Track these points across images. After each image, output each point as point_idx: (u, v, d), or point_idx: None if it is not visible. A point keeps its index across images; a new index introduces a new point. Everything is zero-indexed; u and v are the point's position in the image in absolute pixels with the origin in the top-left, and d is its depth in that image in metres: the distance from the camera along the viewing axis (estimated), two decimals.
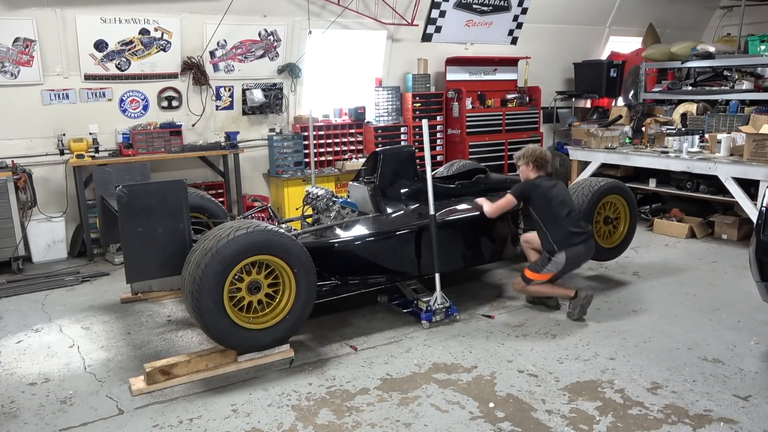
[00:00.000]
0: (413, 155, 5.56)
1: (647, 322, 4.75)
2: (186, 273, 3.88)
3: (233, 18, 7.07)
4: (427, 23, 8.57)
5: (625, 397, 3.65)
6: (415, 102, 8.61)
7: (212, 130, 7.62)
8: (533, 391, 3.74)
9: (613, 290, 5.48)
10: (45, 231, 6.67)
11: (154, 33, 6.87)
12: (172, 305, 5.34)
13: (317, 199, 5.32)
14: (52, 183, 6.84)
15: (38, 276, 6.21)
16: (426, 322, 4.72)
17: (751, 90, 8.17)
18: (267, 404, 3.65)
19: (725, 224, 7.09)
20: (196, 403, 3.69)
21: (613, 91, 9.86)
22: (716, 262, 6.27)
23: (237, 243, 3.82)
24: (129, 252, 4.12)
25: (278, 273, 4.08)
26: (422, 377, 3.95)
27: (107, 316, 5.15)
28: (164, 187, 4.20)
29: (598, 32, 10.43)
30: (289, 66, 7.76)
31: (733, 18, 10.62)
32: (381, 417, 3.49)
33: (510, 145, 9.10)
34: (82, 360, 4.32)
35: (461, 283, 5.65)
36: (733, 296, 5.27)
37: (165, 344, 4.55)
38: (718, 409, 3.49)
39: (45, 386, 3.95)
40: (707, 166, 6.78)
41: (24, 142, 6.61)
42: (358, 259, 4.67)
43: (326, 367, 4.11)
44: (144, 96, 7.13)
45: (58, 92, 6.65)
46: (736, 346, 4.29)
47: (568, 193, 5.06)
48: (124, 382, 3.95)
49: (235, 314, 3.94)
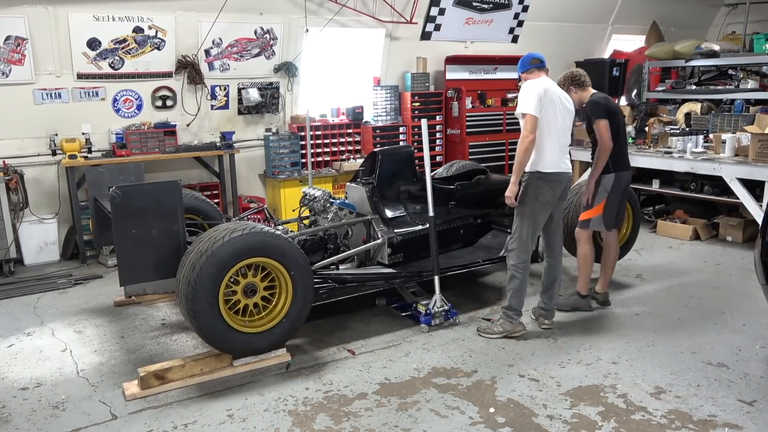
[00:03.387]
0: (412, 156, 5.53)
1: (650, 326, 4.72)
2: (181, 276, 3.86)
3: (229, 16, 7.03)
4: (427, 21, 8.54)
5: (628, 402, 3.62)
6: (414, 101, 8.57)
7: (207, 130, 7.58)
8: (534, 396, 3.71)
9: (616, 293, 5.44)
10: (37, 233, 6.61)
11: (148, 31, 6.82)
12: (166, 308, 5.31)
13: (314, 200, 5.30)
14: (44, 184, 6.79)
15: (30, 279, 6.17)
16: (425, 325, 4.69)
17: (757, 89, 8.14)
18: (263, 409, 3.63)
19: (730, 226, 7.06)
20: (191, 408, 3.66)
21: (615, 90, 9.79)
22: (721, 265, 6.24)
23: (232, 245, 3.81)
24: (122, 254, 4.09)
25: (274, 276, 4.07)
26: (421, 382, 3.92)
27: (100, 319, 5.11)
28: (158, 188, 4.17)
29: (601, 30, 10.39)
30: (285, 65, 7.72)
31: (738, 16, 10.58)
32: (379, 422, 3.47)
33: (511, 145, 9.05)
34: (74, 364, 4.29)
35: (461, 286, 5.61)
36: (738, 299, 5.24)
37: (159, 348, 4.52)
38: (722, 415, 3.47)
39: (37, 391, 3.92)
40: (712, 167, 6.73)
41: (15, 142, 6.56)
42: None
43: (323, 372, 4.08)
44: (138, 95, 7.08)
45: (51, 91, 6.59)
46: (741, 350, 4.26)
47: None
48: (117, 387, 3.92)
49: (230, 318, 3.92)
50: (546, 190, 4.36)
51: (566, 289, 5.53)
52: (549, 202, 4.40)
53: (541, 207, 4.38)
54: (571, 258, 5.86)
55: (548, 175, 4.35)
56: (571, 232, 5.29)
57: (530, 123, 4.28)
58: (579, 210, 5.28)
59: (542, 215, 4.43)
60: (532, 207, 4.37)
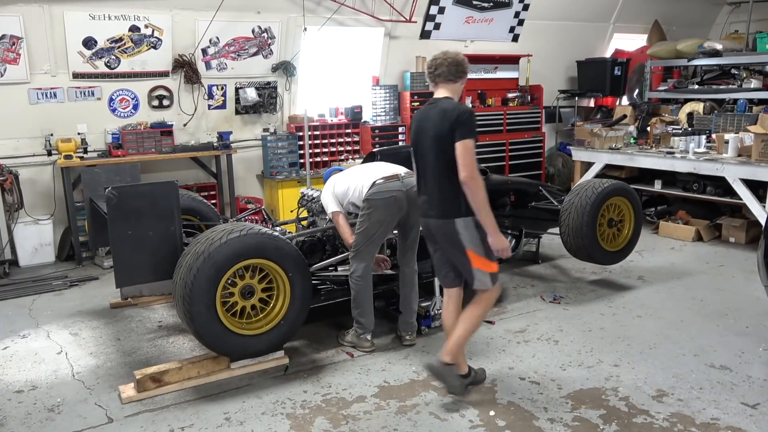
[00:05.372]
0: (411, 156, 5.45)
1: (652, 328, 4.69)
2: (177, 277, 3.84)
3: (226, 14, 6.99)
4: (426, 20, 8.50)
5: (630, 405, 3.60)
6: (413, 101, 8.52)
7: (204, 130, 7.53)
8: (535, 398, 3.69)
9: (618, 295, 5.42)
10: (32, 234, 6.57)
11: (145, 30, 6.78)
12: (163, 310, 5.27)
13: (313, 201, 5.26)
14: (40, 184, 6.74)
15: (25, 280, 6.13)
16: (425, 327, 4.66)
17: (760, 89, 8.08)
18: (261, 412, 3.60)
19: (733, 227, 7.02)
20: (188, 411, 3.64)
21: (617, 89, 9.80)
22: (723, 266, 6.20)
23: (230, 246, 3.78)
24: (118, 256, 4.07)
25: (272, 277, 4.04)
26: (421, 384, 3.90)
27: (96, 321, 5.08)
28: (155, 189, 4.16)
29: (602, 29, 10.34)
30: (283, 64, 7.68)
31: (741, 14, 10.53)
32: (378, 425, 3.44)
33: (511, 145, 9.03)
34: (70, 367, 4.26)
35: None
36: (741, 301, 5.20)
37: (156, 351, 4.49)
38: (725, 418, 3.44)
39: (32, 394, 3.89)
40: (714, 167, 6.70)
41: (10, 142, 6.51)
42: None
43: (322, 374, 4.05)
44: (134, 95, 7.03)
45: (46, 91, 6.54)
46: (744, 353, 4.24)
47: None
48: (113, 390, 3.90)
49: (227, 320, 3.89)
50: (380, 211, 4.18)
51: (567, 291, 5.51)
52: (385, 220, 4.21)
53: (376, 224, 4.20)
54: (572, 259, 5.84)
55: (380, 187, 4.21)
56: (573, 232, 5.25)
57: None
58: (579, 209, 5.24)
59: (380, 231, 4.24)
60: (364, 226, 4.22)
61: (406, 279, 4.47)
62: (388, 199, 4.17)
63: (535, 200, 6.21)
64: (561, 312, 5.03)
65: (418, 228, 4.29)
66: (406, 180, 4.24)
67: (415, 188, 3.93)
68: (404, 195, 4.19)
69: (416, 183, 3.81)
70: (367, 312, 4.35)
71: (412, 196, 4.10)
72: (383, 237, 4.36)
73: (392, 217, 4.23)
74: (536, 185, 6.36)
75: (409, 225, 4.36)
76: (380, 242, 4.37)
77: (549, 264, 6.32)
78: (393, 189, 4.19)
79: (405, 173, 4.32)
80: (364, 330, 4.36)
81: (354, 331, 4.41)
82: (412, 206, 4.15)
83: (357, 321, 4.37)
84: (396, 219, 4.27)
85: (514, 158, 9.12)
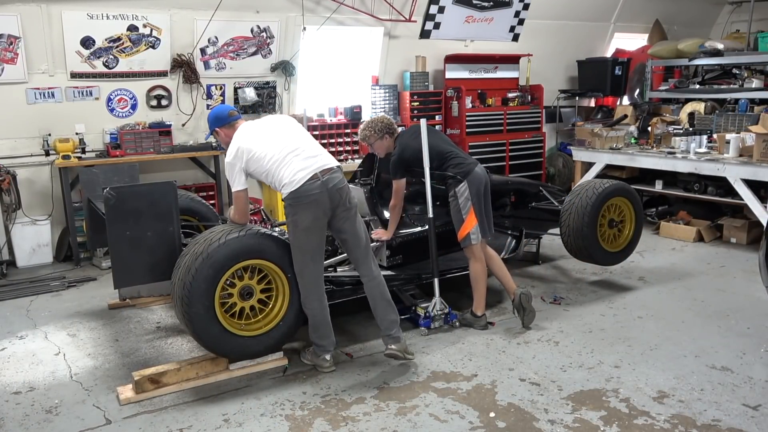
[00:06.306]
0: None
1: (653, 329, 4.67)
2: (176, 278, 3.82)
3: (225, 14, 6.97)
4: (426, 19, 8.48)
5: (631, 406, 3.59)
6: (413, 101, 8.51)
7: (203, 130, 7.46)
8: (535, 400, 3.68)
9: (618, 296, 5.40)
10: (30, 234, 6.54)
11: (143, 29, 6.75)
12: (161, 311, 5.26)
13: None
14: (37, 185, 6.72)
15: (23, 281, 6.11)
16: (424, 328, 4.64)
17: (761, 88, 8.05)
18: (260, 414, 3.59)
19: (734, 227, 7.00)
20: (187, 412, 3.62)
21: (618, 89, 9.77)
22: (725, 267, 6.18)
23: (229, 247, 3.77)
24: (117, 256, 4.06)
25: (271, 278, 4.02)
26: (420, 386, 3.88)
27: (94, 322, 5.07)
28: (153, 189, 4.14)
29: (603, 29, 10.32)
30: (282, 64, 7.66)
31: (743, 14, 10.51)
32: (378, 427, 3.43)
33: (511, 145, 9.01)
34: (68, 368, 4.25)
35: (461, 289, 5.55)
36: (743, 302, 5.18)
37: (154, 352, 4.48)
38: (726, 419, 3.43)
39: (30, 395, 3.88)
40: (715, 168, 6.68)
41: (8, 142, 6.49)
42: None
43: (321, 376, 4.04)
44: (132, 95, 7.01)
45: (44, 91, 6.52)
46: (745, 354, 4.22)
47: (439, 134, 4.99)
48: (111, 391, 3.88)
49: (226, 321, 3.88)
50: (304, 214, 3.81)
51: (568, 291, 5.50)
52: (312, 226, 3.84)
53: (303, 234, 3.84)
54: (573, 260, 5.82)
55: (299, 192, 3.79)
56: (574, 232, 5.23)
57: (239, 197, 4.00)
58: (579, 210, 5.23)
59: (311, 240, 3.87)
60: (294, 237, 3.87)
61: (373, 291, 4.11)
62: (309, 204, 3.80)
63: (536, 201, 6.19)
64: (561, 313, 5.01)
65: (356, 225, 4.03)
66: (326, 178, 3.84)
67: (338, 185, 3.86)
68: (326, 195, 3.83)
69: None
70: (325, 334, 4.05)
71: (335, 194, 3.87)
72: (319, 247, 3.92)
73: (319, 221, 3.85)
74: (536, 185, 6.34)
75: (342, 227, 4.01)
76: (319, 255, 3.94)
77: (549, 265, 6.31)
78: (312, 191, 3.79)
79: (320, 167, 3.86)
80: (323, 351, 4.09)
81: (313, 350, 4.15)
82: (338, 205, 3.90)
83: (315, 343, 4.10)
84: (323, 222, 3.89)
85: (515, 158, 9.10)
